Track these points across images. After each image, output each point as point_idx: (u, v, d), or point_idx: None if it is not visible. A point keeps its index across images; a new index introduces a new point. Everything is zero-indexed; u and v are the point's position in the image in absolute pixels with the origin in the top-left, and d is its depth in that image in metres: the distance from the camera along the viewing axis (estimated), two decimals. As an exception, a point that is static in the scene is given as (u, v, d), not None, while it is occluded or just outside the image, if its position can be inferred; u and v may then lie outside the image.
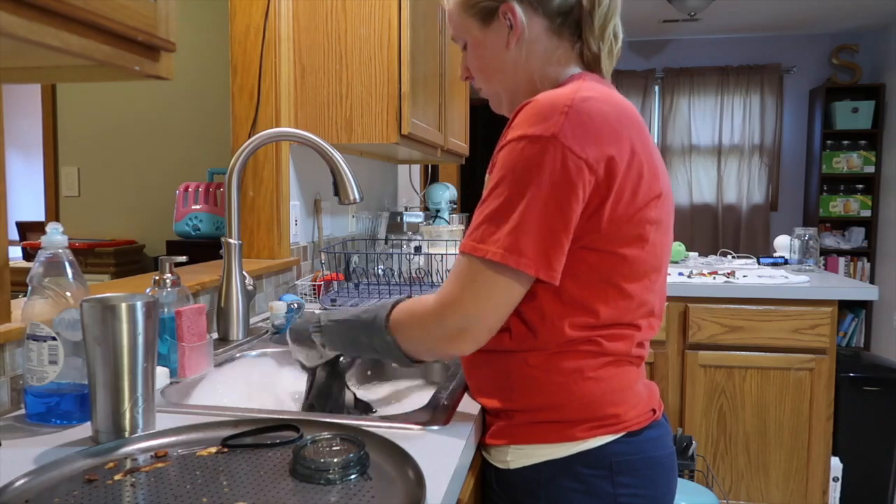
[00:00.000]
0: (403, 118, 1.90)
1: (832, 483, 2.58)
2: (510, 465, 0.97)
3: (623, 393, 0.97)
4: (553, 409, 0.94)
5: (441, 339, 0.92)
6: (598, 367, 0.95)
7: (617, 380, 0.96)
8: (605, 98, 0.92)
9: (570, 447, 0.94)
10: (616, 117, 0.91)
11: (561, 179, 0.86)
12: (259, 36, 1.88)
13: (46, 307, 0.93)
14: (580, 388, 0.94)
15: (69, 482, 0.74)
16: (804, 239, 2.89)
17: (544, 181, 0.86)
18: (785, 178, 5.81)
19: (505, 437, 0.97)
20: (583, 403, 0.94)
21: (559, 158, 0.86)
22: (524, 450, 0.96)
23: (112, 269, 2.74)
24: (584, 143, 0.87)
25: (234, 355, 1.36)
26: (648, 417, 0.99)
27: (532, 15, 0.99)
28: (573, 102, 0.88)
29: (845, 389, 2.62)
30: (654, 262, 0.97)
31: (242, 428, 0.90)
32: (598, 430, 0.94)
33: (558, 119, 0.87)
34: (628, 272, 0.94)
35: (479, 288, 0.88)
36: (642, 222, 0.93)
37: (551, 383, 0.94)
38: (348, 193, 1.40)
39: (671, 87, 5.83)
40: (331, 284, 1.99)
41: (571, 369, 0.94)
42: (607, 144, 0.88)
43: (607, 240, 0.91)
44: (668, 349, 2.61)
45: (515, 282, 0.88)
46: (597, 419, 0.94)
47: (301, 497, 0.71)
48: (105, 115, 3.07)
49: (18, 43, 0.57)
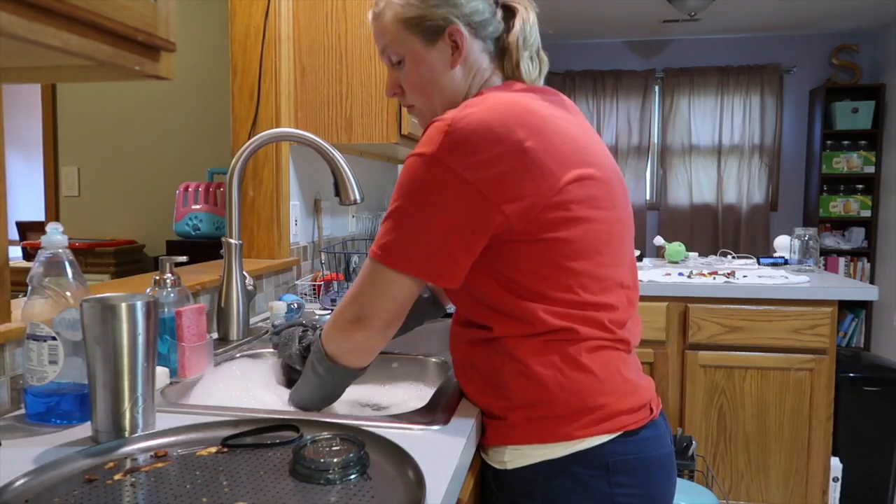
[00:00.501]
0: (403, 118, 1.90)
1: (832, 483, 2.58)
2: (507, 465, 0.99)
3: (611, 381, 0.97)
4: (545, 404, 0.96)
5: (342, 327, 1.02)
6: (581, 354, 0.96)
7: (603, 368, 0.97)
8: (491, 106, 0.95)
9: (567, 447, 0.95)
10: (499, 123, 0.93)
11: (442, 192, 0.93)
12: (259, 36, 1.88)
13: (46, 307, 0.93)
14: (567, 378, 0.95)
15: (69, 482, 0.74)
16: (804, 239, 2.89)
17: (428, 194, 0.93)
18: (785, 178, 5.81)
19: (502, 438, 0.99)
20: (571, 394, 0.95)
21: (439, 174, 0.93)
22: (520, 450, 0.98)
23: (112, 269, 2.74)
24: (461, 158, 0.92)
25: (234, 355, 1.36)
26: (645, 416, 0.99)
27: (472, 38, 1.06)
28: (452, 122, 0.94)
29: (845, 389, 2.62)
30: (600, 237, 0.98)
31: (242, 428, 0.90)
32: (594, 429, 0.95)
33: (438, 138, 0.94)
34: (570, 252, 0.96)
35: (373, 286, 0.98)
36: (564, 204, 0.95)
37: (540, 376, 0.96)
38: (349, 194, 1.40)
39: (671, 87, 5.83)
40: (331, 284, 1.99)
41: (556, 361, 0.96)
42: (486, 153, 0.92)
43: (531, 230, 0.95)
44: (668, 349, 2.61)
45: (409, 281, 0.97)
46: (588, 411, 0.95)
47: (301, 497, 0.71)
48: (105, 115, 3.07)
49: (18, 43, 0.57)
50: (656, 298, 2.59)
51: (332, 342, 1.05)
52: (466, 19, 1.04)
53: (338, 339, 1.04)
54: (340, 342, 1.04)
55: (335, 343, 1.04)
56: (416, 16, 1.04)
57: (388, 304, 0.99)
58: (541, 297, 0.96)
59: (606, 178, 1.01)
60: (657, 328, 2.59)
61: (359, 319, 1.00)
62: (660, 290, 2.59)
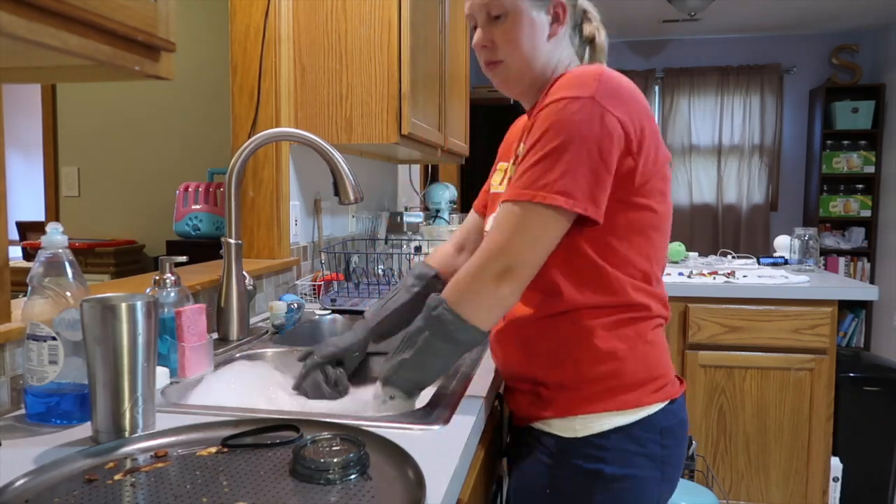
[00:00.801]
0: (403, 118, 1.90)
1: (832, 483, 2.58)
2: (578, 433, 1.04)
3: (665, 354, 1.10)
4: (618, 375, 1.03)
5: (487, 282, 0.98)
6: (651, 330, 1.07)
7: (661, 342, 1.10)
8: (621, 75, 1.05)
9: (635, 414, 1.03)
10: (635, 90, 1.05)
11: (600, 130, 0.97)
12: (259, 36, 1.88)
13: (46, 307, 0.93)
14: (640, 352, 1.05)
15: (69, 482, 0.74)
16: (804, 239, 2.89)
17: (585, 132, 0.97)
18: (785, 178, 5.81)
19: (572, 408, 1.04)
20: (643, 366, 1.05)
21: (597, 114, 0.97)
22: (592, 418, 1.03)
23: (112, 269, 2.74)
24: (615, 104, 0.99)
25: (233, 355, 1.36)
26: (683, 385, 1.13)
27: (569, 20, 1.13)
28: (603, 73, 1.01)
29: (845, 389, 2.62)
30: (669, 219, 1.10)
31: (242, 428, 0.90)
32: (655, 396, 1.05)
33: (593, 84, 0.99)
34: (658, 224, 1.06)
35: (525, 230, 0.97)
36: (663, 179, 1.06)
37: (614, 349, 1.04)
38: (348, 193, 1.40)
39: (671, 87, 5.83)
40: (331, 284, 1.99)
41: (633, 335, 1.05)
42: (633, 108, 1.01)
43: (639, 193, 1.03)
44: (668, 349, 2.61)
45: (563, 220, 0.98)
46: (653, 380, 1.05)
47: (301, 497, 0.72)
48: (105, 115, 3.07)
49: (18, 43, 0.57)
50: (656, 298, 2.59)
51: (470, 300, 0.99)
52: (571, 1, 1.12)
53: (478, 296, 0.99)
54: (481, 299, 0.99)
55: (473, 301, 0.99)
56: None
57: (542, 250, 0.98)
58: (628, 265, 1.04)
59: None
60: (657, 328, 2.59)
61: (509, 271, 0.97)
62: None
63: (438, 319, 1.00)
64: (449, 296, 1.01)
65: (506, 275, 0.97)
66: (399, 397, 1.06)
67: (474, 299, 0.99)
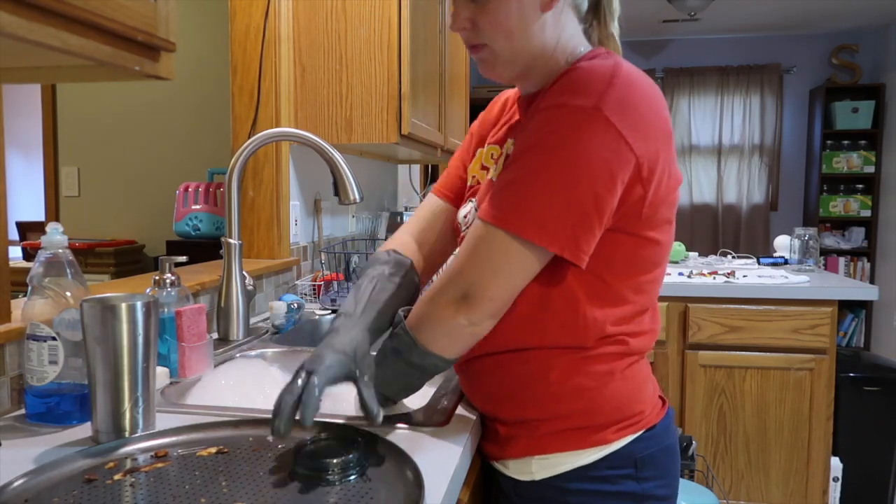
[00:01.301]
0: (403, 118, 1.90)
1: (832, 483, 2.58)
2: (535, 476, 0.94)
3: (644, 389, 0.97)
4: (582, 414, 0.92)
5: (444, 306, 0.86)
6: (626, 368, 0.94)
7: (639, 377, 0.97)
8: (641, 74, 0.88)
9: (598, 451, 0.92)
10: (657, 96, 0.88)
11: (600, 156, 0.81)
12: (259, 36, 1.88)
13: (46, 307, 0.93)
14: (610, 390, 0.92)
15: (69, 482, 0.74)
16: (804, 239, 2.89)
17: (581, 155, 0.81)
18: (785, 178, 5.81)
19: (528, 449, 0.94)
20: (612, 406, 0.92)
21: (600, 133, 0.81)
22: (550, 459, 0.93)
23: (112, 269, 2.74)
24: (628, 121, 0.82)
25: (233, 355, 1.36)
26: (660, 408, 1.00)
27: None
28: (617, 74, 0.83)
29: (845, 389, 2.62)
30: (671, 246, 0.96)
31: (243, 428, 0.90)
32: (626, 431, 0.93)
33: (603, 89, 0.82)
34: (656, 257, 0.93)
35: (490, 258, 0.84)
36: (672, 205, 0.92)
37: (581, 388, 0.92)
38: (348, 193, 1.40)
39: (671, 87, 5.83)
40: (331, 284, 1.99)
41: (602, 372, 0.92)
42: (650, 124, 0.85)
43: (645, 224, 0.89)
44: (668, 349, 2.61)
45: (534, 256, 0.84)
46: (625, 419, 0.93)
47: (300, 497, 0.71)
48: (105, 116, 3.07)
49: (18, 43, 0.57)
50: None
51: (427, 326, 0.88)
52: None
53: (434, 322, 0.88)
54: (437, 325, 0.87)
55: (430, 326, 0.88)
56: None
57: (506, 282, 0.85)
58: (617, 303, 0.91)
59: None
60: (657, 328, 2.58)
61: (465, 299, 0.85)
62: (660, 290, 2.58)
63: (399, 339, 0.91)
64: (410, 318, 0.91)
65: (462, 303, 0.85)
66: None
67: (431, 326, 0.88)
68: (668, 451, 0.98)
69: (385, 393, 0.94)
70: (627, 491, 0.92)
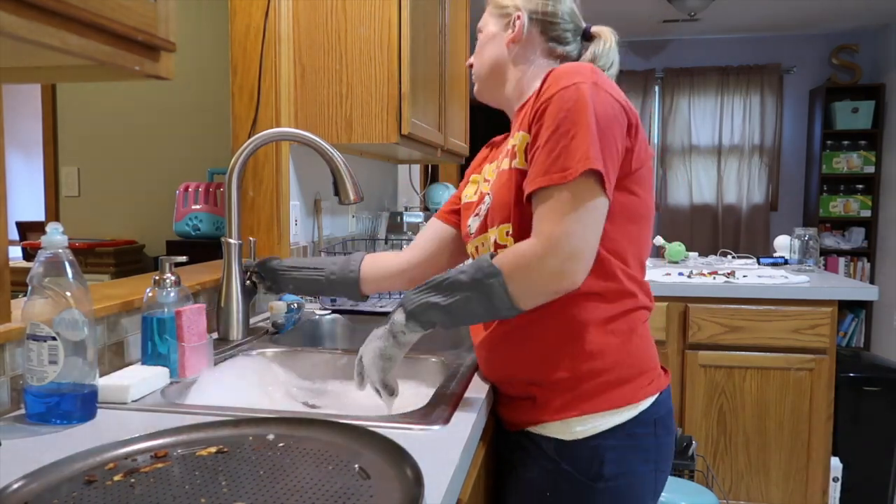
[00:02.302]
0: (403, 118, 1.90)
1: (832, 483, 2.58)
2: (578, 436, 1.04)
3: (653, 347, 1.14)
4: (612, 370, 1.05)
5: (554, 273, 0.96)
6: (641, 323, 1.10)
7: (649, 335, 1.13)
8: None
9: (630, 411, 1.05)
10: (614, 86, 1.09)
11: (610, 112, 1.01)
12: (259, 36, 1.88)
13: (46, 307, 0.93)
14: (633, 346, 1.07)
15: (69, 483, 0.74)
16: (804, 239, 2.89)
17: (598, 113, 0.99)
18: (785, 178, 5.81)
19: (569, 409, 1.04)
20: (635, 361, 1.07)
21: (602, 95, 1.01)
22: (591, 419, 1.04)
23: (112, 269, 2.74)
24: (614, 91, 1.04)
25: (233, 355, 1.36)
26: (667, 374, 1.15)
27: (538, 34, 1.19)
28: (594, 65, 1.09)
29: (845, 389, 2.62)
30: (653, 212, 1.13)
31: (243, 428, 0.90)
32: (649, 388, 1.08)
33: (591, 73, 1.03)
34: (644, 211, 1.09)
35: (577, 213, 0.96)
36: (648, 172, 1.10)
37: (608, 345, 1.05)
38: (348, 193, 1.40)
39: (671, 87, 5.83)
40: (331, 284, 1.99)
41: (625, 329, 1.07)
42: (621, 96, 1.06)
43: (633, 178, 1.06)
44: (668, 349, 2.61)
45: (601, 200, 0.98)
46: (644, 374, 1.08)
47: (299, 497, 0.72)
48: (105, 115, 3.07)
49: (18, 43, 0.57)
50: (656, 298, 2.54)
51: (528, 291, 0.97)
52: (535, 15, 1.18)
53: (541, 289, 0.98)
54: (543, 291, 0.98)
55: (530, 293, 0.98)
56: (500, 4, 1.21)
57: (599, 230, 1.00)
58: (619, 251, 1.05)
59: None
60: (657, 328, 2.59)
61: (577, 256, 0.95)
62: (660, 290, 2.58)
63: (490, 289, 0.97)
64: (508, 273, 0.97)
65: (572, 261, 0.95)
66: (415, 332, 1.04)
67: (532, 288, 0.98)
68: (671, 413, 1.14)
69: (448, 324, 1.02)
70: (648, 445, 1.07)
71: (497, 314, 1.01)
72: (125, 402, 1.03)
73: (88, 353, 0.96)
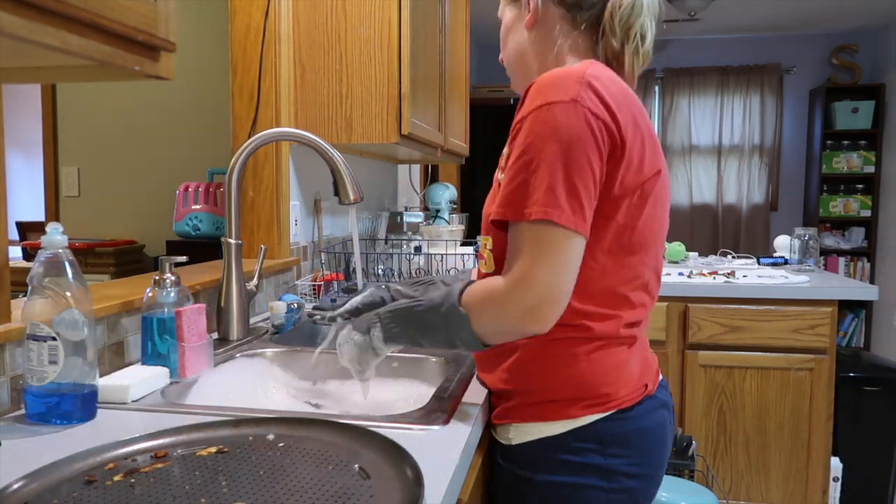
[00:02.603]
0: (403, 118, 1.90)
1: (832, 483, 2.58)
2: (512, 441, 1.06)
3: (615, 372, 1.03)
4: (548, 389, 1.03)
5: (520, 315, 0.93)
6: (592, 352, 1.02)
7: (608, 361, 1.03)
8: (610, 76, 1.00)
9: (565, 425, 1.02)
10: (620, 92, 0.98)
11: (584, 137, 0.92)
12: (259, 36, 1.88)
13: (46, 307, 0.93)
14: (575, 371, 1.02)
15: (69, 483, 0.74)
16: (804, 239, 2.89)
17: (571, 140, 0.92)
18: (785, 178, 5.81)
19: (507, 416, 1.07)
20: (576, 383, 1.02)
21: (581, 118, 0.92)
22: (523, 428, 1.05)
23: (112, 269, 2.74)
24: (599, 106, 0.94)
25: (233, 355, 1.36)
26: (640, 394, 1.06)
27: (549, 3, 1.09)
28: (586, 73, 0.96)
29: (845, 389, 2.62)
30: (650, 237, 1.03)
31: (243, 428, 0.90)
32: (592, 409, 1.02)
33: (575, 87, 0.94)
34: (627, 242, 1.00)
35: (548, 255, 0.91)
36: (645, 195, 1.00)
37: (546, 367, 1.02)
38: (348, 193, 1.40)
39: (671, 87, 5.83)
40: (331, 284, 1.99)
41: (565, 355, 1.02)
42: (617, 111, 0.95)
43: (614, 207, 0.97)
44: (668, 349, 2.61)
45: (573, 240, 0.92)
46: (590, 398, 1.02)
47: (299, 497, 0.72)
48: (105, 115, 3.07)
49: (18, 43, 0.57)
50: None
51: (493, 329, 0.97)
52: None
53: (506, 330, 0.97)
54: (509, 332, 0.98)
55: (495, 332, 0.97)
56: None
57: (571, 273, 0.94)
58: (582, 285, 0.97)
59: (668, 184, 1.07)
60: (657, 328, 2.59)
61: (545, 301, 0.92)
62: (660, 289, 2.58)
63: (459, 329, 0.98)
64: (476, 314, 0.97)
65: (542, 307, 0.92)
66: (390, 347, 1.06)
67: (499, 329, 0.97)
68: (642, 433, 1.05)
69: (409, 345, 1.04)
70: (592, 463, 1.02)
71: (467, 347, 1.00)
72: (125, 402, 1.03)
73: (88, 353, 0.96)
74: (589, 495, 1.03)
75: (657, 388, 1.11)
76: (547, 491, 1.03)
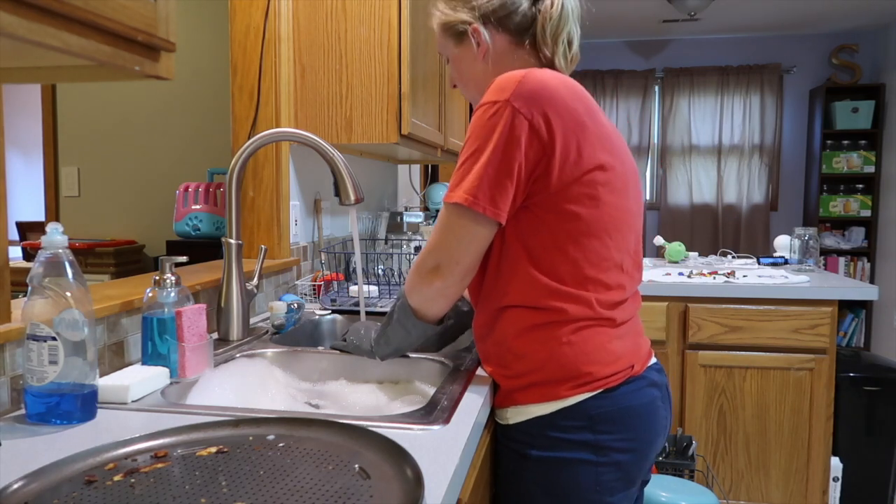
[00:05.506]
0: (403, 118, 1.90)
1: (832, 483, 2.58)
2: (509, 421, 1.15)
3: (597, 353, 1.11)
4: (536, 372, 1.11)
5: (422, 276, 1.12)
6: (570, 333, 1.11)
7: (590, 342, 1.11)
8: (555, 76, 1.10)
9: (555, 405, 1.11)
10: (563, 87, 1.08)
11: (509, 134, 1.04)
12: (259, 36, 1.88)
13: (46, 307, 0.93)
14: (556, 352, 1.10)
15: (69, 483, 0.74)
16: (804, 239, 2.89)
17: (496, 136, 1.05)
18: (785, 178, 5.81)
19: (505, 399, 1.16)
20: (559, 365, 1.10)
21: (509, 117, 1.04)
22: (518, 409, 1.14)
23: (112, 269, 2.74)
24: (530, 106, 1.05)
25: (233, 355, 1.36)
26: (626, 374, 1.13)
27: (495, 33, 1.20)
28: (526, 74, 1.07)
29: (845, 389, 2.62)
30: (612, 222, 1.12)
31: (243, 428, 0.90)
32: (579, 389, 1.10)
33: (512, 87, 1.06)
34: (585, 229, 1.09)
35: (449, 230, 1.09)
36: (592, 183, 1.08)
37: (531, 352, 1.12)
38: (348, 194, 1.40)
39: (671, 87, 5.83)
40: (331, 284, 1.99)
41: (546, 338, 1.11)
42: (552, 109, 1.05)
43: (559, 198, 1.07)
44: (668, 349, 2.61)
45: (477, 224, 1.07)
46: (574, 378, 1.10)
47: (299, 497, 0.72)
48: (105, 115, 3.07)
49: (18, 43, 0.57)
50: (656, 298, 2.59)
51: (414, 293, 1.15)
52: (486, 18, 1.19)
53: (419, 289, 1.14)
54: (422, 290, 1.14)
55: (417, 293, 1.15)
56: (444, 22, 1.23)
57: (470, 249, 1.09)
58: (553, 270, 1.09)
59: (622, 170, 1.14)
60: (657, 328, 2.59)
61: (438, 267, 1.10)
62: (660, 290, 2.59)
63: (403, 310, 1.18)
64: (407, 292, 1.17)
65: (436, 271, 1.10)
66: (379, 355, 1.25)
67: (416, 291, 1.15)
68: (628, 410, 1.13)
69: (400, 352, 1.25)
70: (583, 440, 1.10)
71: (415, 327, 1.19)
72: (125, 402, 1.03)
73: (88, 353, 0.96)
74: (580, 469, 1.11)
75: (646, 370, 1.17)
76: (542, 466, 1.12)
